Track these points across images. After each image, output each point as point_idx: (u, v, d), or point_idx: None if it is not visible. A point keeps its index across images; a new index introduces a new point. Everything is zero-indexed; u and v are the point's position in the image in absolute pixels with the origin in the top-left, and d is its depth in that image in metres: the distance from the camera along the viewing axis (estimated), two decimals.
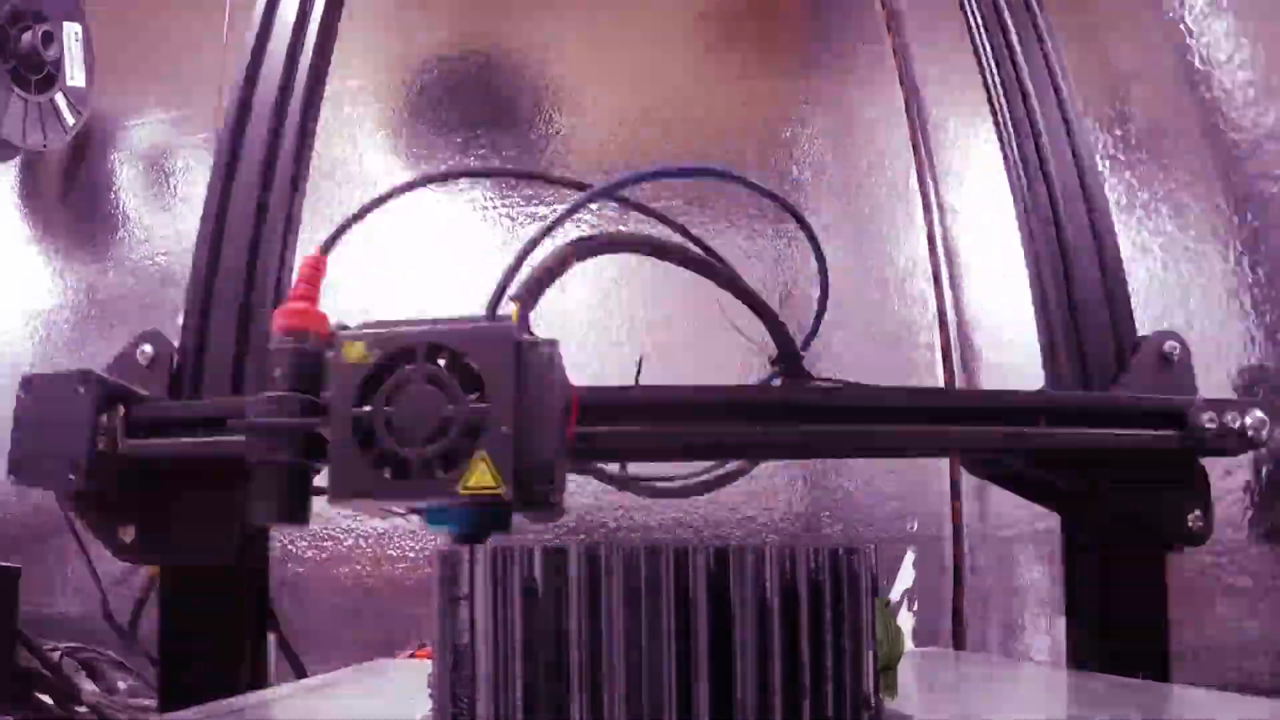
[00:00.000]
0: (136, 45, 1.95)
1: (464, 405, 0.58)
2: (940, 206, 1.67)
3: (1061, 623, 0.91)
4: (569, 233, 0.70)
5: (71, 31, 1.84)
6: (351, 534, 1.60)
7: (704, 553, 0.57)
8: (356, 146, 1.76)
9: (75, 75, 1.85)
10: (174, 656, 0.82)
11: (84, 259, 1.91)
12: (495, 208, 1.71)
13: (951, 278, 1.66)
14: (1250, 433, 0.80)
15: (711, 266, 0.78)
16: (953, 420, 0.77)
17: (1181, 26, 1.14)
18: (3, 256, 1.97)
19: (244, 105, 0.93)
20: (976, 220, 1.61)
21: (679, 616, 0.56)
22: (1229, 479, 0.96)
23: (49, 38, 1.78)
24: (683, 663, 0.56)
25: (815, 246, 0.83)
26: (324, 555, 1.60)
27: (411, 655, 1.23)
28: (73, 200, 1.95)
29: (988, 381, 1.58)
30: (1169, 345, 0.85)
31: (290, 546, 1.59)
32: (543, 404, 0.59)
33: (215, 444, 0.77)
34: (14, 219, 2.00)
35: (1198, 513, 0.82)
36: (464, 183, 1.73)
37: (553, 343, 0.60)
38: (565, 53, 1.78)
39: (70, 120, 1.85)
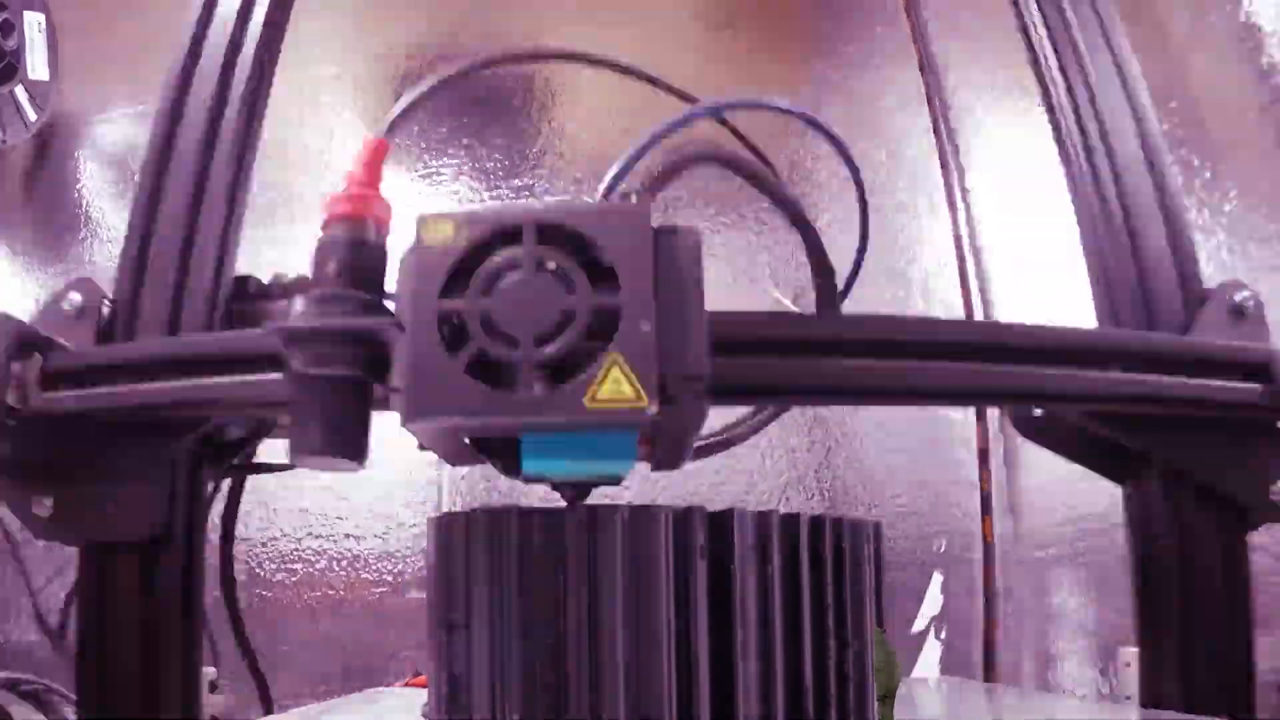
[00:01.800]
0: (102, 37, 1.89)
1: (592, 296, 0.47)
2: (966, 199, 1.61)
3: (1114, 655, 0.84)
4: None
5: (34, 21, 1.78)
6: (324, 555, 1.51)
7: (701, 514, 0.53)
8: (332, 137, 1.70)
9: (37, 68, 1.79)
10: (94, 659, 0.73)
11: (47, 260, 1.85)
12: (483, 199, 1.66)
13: (979, 276, 1.60)
14: None
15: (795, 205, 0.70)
16: (1014, 360, 0.68)
17: None
18: None
19: (195, 44, 0.88)
20: (1007, 213, 1.54)
21: (678, 582, 0.52)
22: None
23: (8, 27, 1.73)
24: (682, 628, 0.52)
25: (853, 171, 0.75)
26: (294, 579, 1.51)
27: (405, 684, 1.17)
28: (35, 199, 1.88)
29: None
30: (1242, 296, 0.76)
31: (257, 570, 1.50)
32: (689, 303, 0.49)
33: (143, 392, 0.69)
34: None
35: None
36: (448, 174, 1.68)
37: (695, 231, 0.50)
38: (558, 37, 1.71)
39: (32, 115, 1.79)
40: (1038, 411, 0.79)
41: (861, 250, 0.75)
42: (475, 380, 0.45)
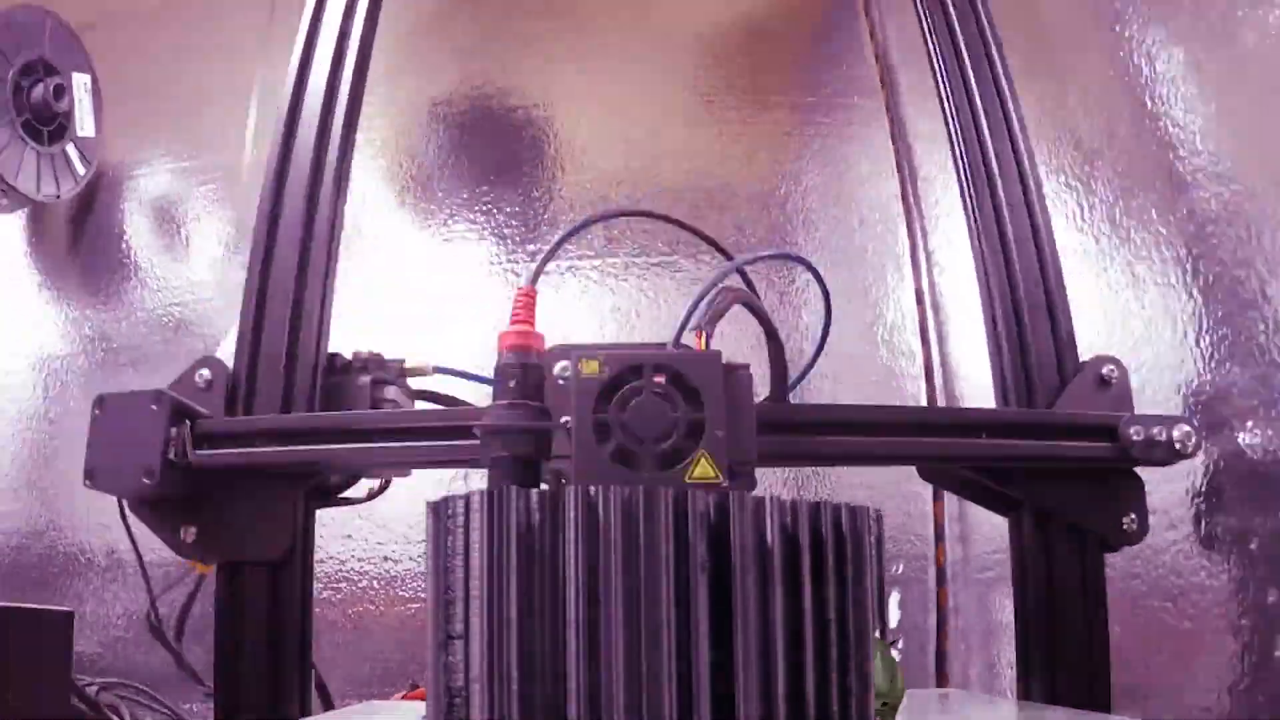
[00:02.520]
0: (145, 94, 2.06)
1: (687, 411, 0.75)
2: (929, 261, 1.79)
3: None
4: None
5: (81, 83, 1.95)
6: (365, 576, 1.73)
7: (704, 500, 0.66)
8: (364, 202, 1.85)
9: (85, 126, 1.96)
10: (229, 659, 0.96)
11: (97, 307, 1.99)
12: (501, 263, 1.84)
13: (939, 331, 1.78)
14: (1178, 445, 0.94)
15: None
16: (913, 433, 0.94)
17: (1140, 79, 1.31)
18: (13, 304, 2.05)
19: (286, 141, 1.09)
20: (964, 275, 1.74)
21: (678, 560, 0.64)
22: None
23: (60, 90, 1.89)
24: (682, 609, 0.64)
25: (822, 285, 1.01)
26: (339, 596, 1.73)
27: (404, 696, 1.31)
28: (82, 248, 2.04)
29: None
30: (1107, 369, 1.00)
31: None
32: (743, 414, 0.78)
33: (271, 454, 0.94)
34: (24, 266, 2.09)
35: (1133, 516, 0.97)
36: (470, 237, 1.86)
37: (747, 368, 0.80)
38: (567, 109, 1.92)
39: (81, 170, 1.95)
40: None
41: (822, 341, 1.01)
42: (615, 465, 0.74)
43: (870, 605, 0.66)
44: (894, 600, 1.66)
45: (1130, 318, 1.02)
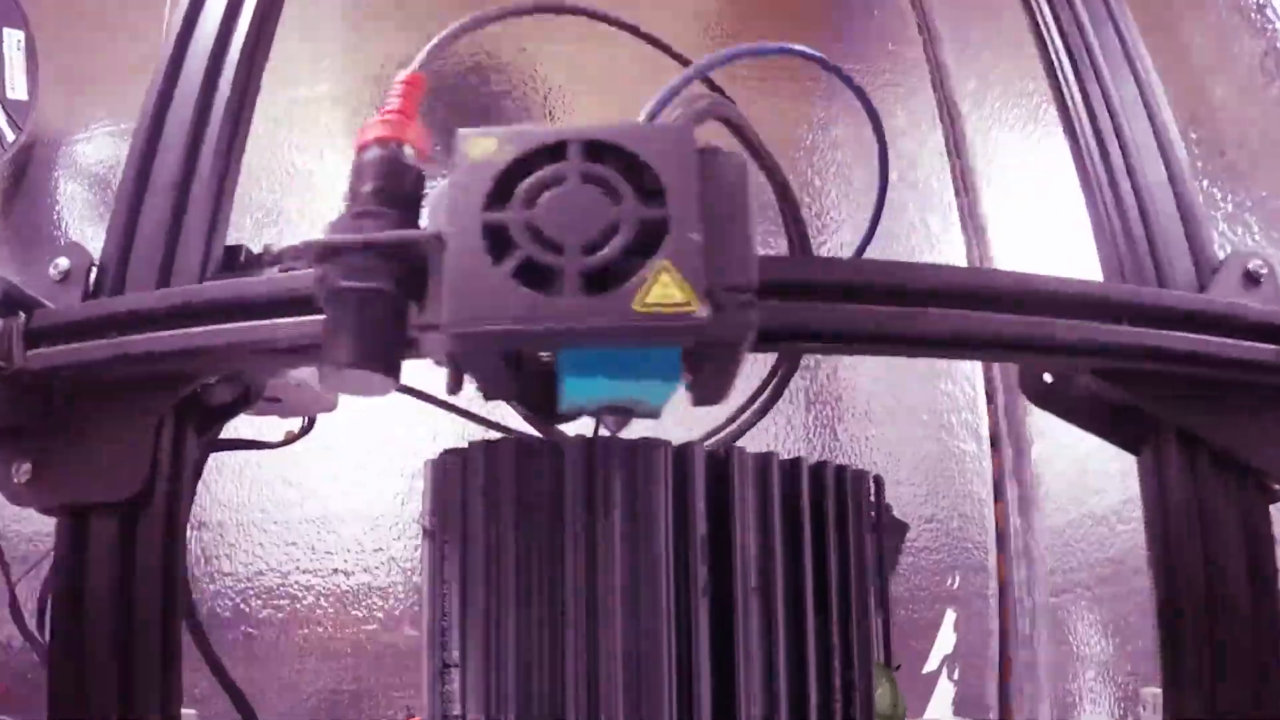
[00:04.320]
0: (84, 54, 1.92)
1: (637, 206, 0.50)
2: (978, 223, 1.62)
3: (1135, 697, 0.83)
4: None
5: (13, 39, 1.82)
6: (312, 591, 1.51)
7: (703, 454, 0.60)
8: (322, 157, 1.72)
9: (16, 87, 1.82)
10: (69, 626, 0.72)
11: (25, 282, 1.84)
12: None
13: None
14: None
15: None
16: (1020, 311, 0.69)
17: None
18: None
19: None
20: (1022, 239, 1.57)
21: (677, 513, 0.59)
22: None
23: None
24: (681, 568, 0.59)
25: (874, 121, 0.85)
26: (280, 615, 1.50)
27: None
28: (13, 220, 1.90)
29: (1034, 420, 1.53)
30: (1254, 264, 0.78)
31: (243, 606, 1.50)
32: (736, 216, 0.52)
33: (124, 344, 0.70)
34: None
35: None
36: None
37: (741, 155, 0.55)
38: (558, 54, 1.75)
39: (10, 136, 1.81)
40: (1048, 378, 0.80)
41: (881, 195, 0.86)
42: (520, 289, 0.48)
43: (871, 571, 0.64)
44: (949, 621, 1.44)
45: None
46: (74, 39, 1.92)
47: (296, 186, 1.66)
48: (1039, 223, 1.47)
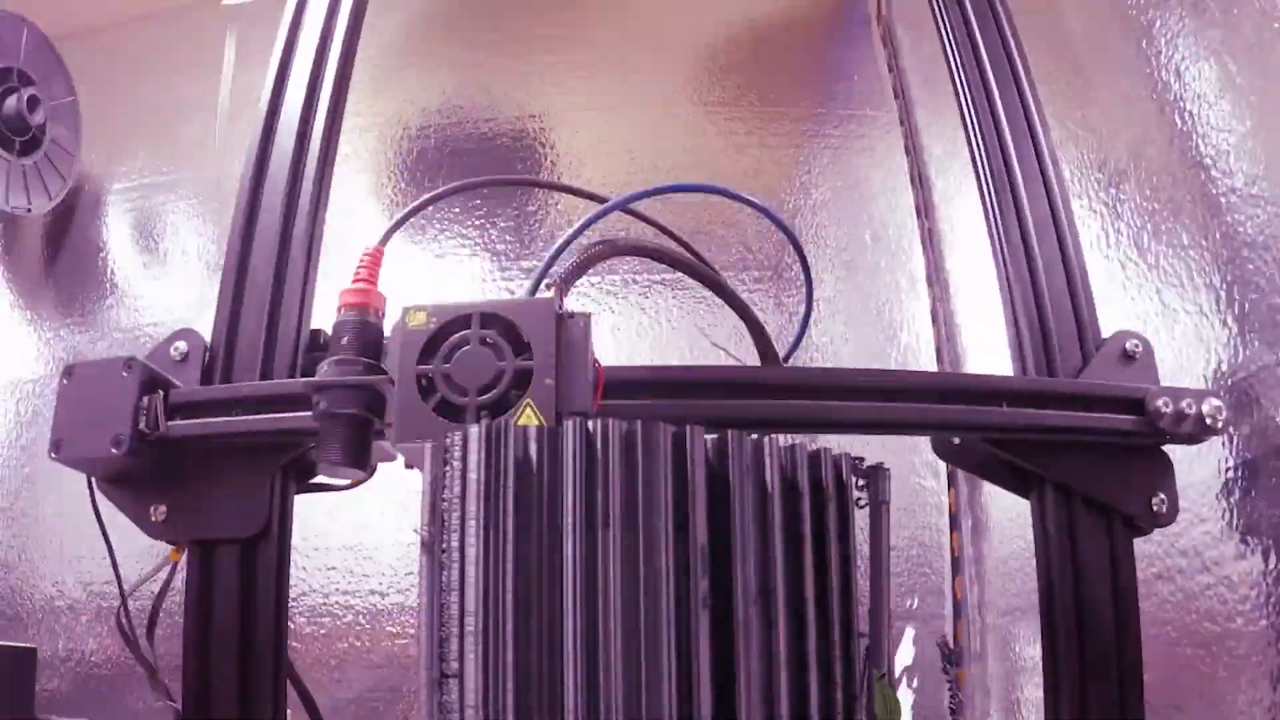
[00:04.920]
0: (124, 109, 2.08)
1: (513, 361, 0.76)
2: (943, 280, 1.79)
3: None
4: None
5: (59, 95, 1.96)
6: (350, 610, 1.70)
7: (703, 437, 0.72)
8: (352, 215, 1.85)
9: (61, 140, 1.96)
10: (199, 644, 0.92)
11: (71, 327, 1.99)
12: (495, 280, 1.84)
13: (955, 357, 1.77)
14: (1208, 419, 0.93)
15: (713, 276, 1.02)
16: (928, 400, 0.91)
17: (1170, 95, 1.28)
18: None
19: (271, 117, 1.09)
20: (984, 296, 1.71)
21: (677, 491, 0.70)
22: None
23: (34, 101, 1.91)
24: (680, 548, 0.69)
25: (801, 257, 1.00)
26: (322, 631, 1.70)
27: None
28: (58, 267, 2.04)
29: None
30: (1131, 343, 0.98)
31: (289, 624, 1.68)
32: (578, 364, 0.77)
33: (247, 422, 0.92)
34: None
35: (1163, 497, 0.94)
36: (464, 254, 1.85)
37: (587, 316, 0.79)
38: (565, 119, 1.92)
39: (55, 185, 1.96)
40: (956, 440, 1.01)
41: (807, 312, 1.00)
42: (440, 417, 0.76)
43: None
44: (908, 637, 1.62)
45: (1160, 348, 1.00)
46: (116, 91, 2.09)
47: (328, 245, 1.81)
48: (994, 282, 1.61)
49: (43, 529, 1.82)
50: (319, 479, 1.02)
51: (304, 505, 1.67)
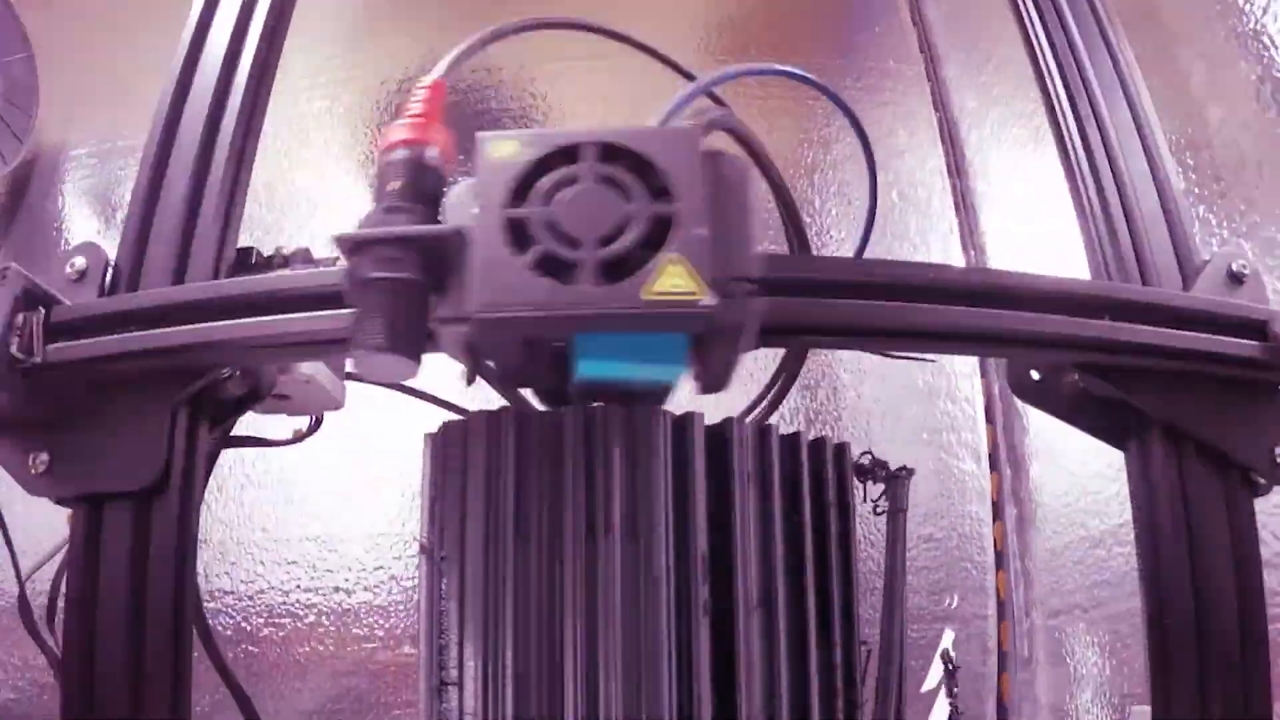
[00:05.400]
0: (84, 70, 1.96)
1: (650, 204, 0.55)
2: (978, 243, 1.66)
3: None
4: None
5: (14, 56, 1.85)
6: (313, 610, 1.53)
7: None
8: (323, 176, 1.74)
9: (18, 99, 1.85)
10: (83, 613, 0.75)
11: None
12: None
13: None
14: None
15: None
16: (1007, 306, 0.72)
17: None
18: None
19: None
20: (1021, 256, 1.60)
21: (676, 478, 0.62)
22: None
23: None
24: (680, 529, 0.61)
25: (865, 145, 0.96)
26: (282, 634, 1.53)
27: None
28: (14, 237, 1.93)
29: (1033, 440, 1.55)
30: (1238, 263, 0.81)
31: (244, 624, 1.52)
32: (738, 215, 0.57)
33: (143, 339, 0.73)
34: None
35: None
36: None
37: (744, 159, 0.62)
38: (560, 72, 1.79)
39: (10, 147, 1.85)
40: (1035, 375, 0.83)
41: (872, 210, 0.94)
42: (540, 278, 0.54)
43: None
44: (947, 640, 1.46)
45: None
46: (74, 54, 1.96)
47: (297, 203, 1.68)
48: (1038, 242, 1.49)
49: None
50: (244, 432, 0.85)
51: (261, 491, 1.54)
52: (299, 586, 1.54)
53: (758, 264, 0.58)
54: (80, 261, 0.81)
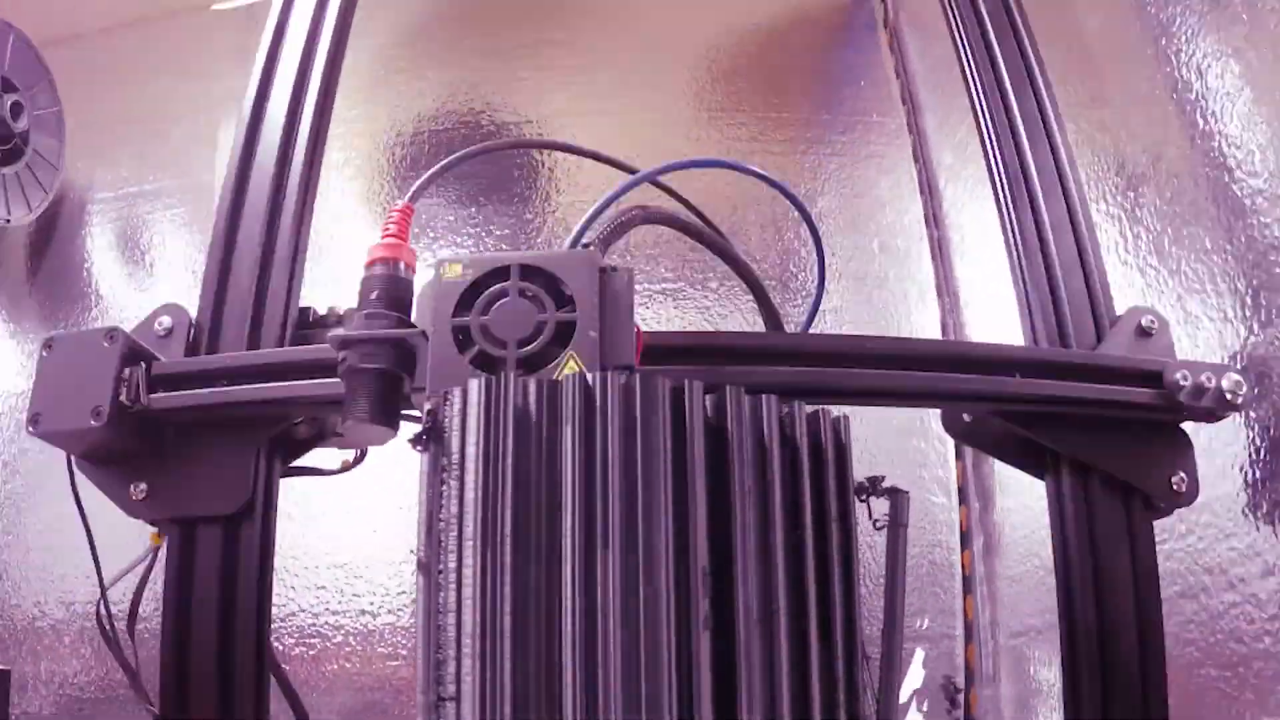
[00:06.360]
0: (110, 115, 2.06)
1: (555, 313, 0.75)
2: (953, 291, 1.78)
3: None
4: None
5: (43, 101, 1.93)
6: (341, 630, 1.67)
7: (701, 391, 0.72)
8: (339, 220, 1.84)
9: (44, 149, 1.93)
10: (178, 624, 0.90)
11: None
12: None
13: None
14: (1228, 394, 0.91)
15: (729, 250, 1.07)
16: (941, 368, 0.89)
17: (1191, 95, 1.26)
18: None
19: (262, 93, 1.09)
20: (995, 307, 1.70)
21: (676, 447, 0.69)
22: None
23: (18, 108, 1.88)
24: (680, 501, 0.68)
25: (813, 232, 1.07)
26: (312, 653, 1.67)
27: None
28: (42, 278, 2.01)
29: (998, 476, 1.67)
30: (1147, 319, 0.97)
31: (277, 644, 1.65)
32: (623, 318, 0.76)
33: (231, 392, 0.90)
34: None
35: (1182, 475, 0.93)
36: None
37: (630, 270, 0.78)
38: (563, 125, 1.90)
39: (37, 196, 1.93)
40: (967, 418, 1.00)
41: (820, 281, 0.98)
42: (477, 370, 0.74)
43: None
44: (918, 659, 1.59)
45: (1181, 354, 0.99)
46: (100, 95, 2.07)
47: (315, 253, 1.80)
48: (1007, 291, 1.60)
49: (25, 547, 1.79)
50: (304, 462, 1.01)
51: (293, 525, 1.67)
52: (328, 609, 1.66)
53: (633, 354, 0.76)
54: (166, 321, 0.97)
